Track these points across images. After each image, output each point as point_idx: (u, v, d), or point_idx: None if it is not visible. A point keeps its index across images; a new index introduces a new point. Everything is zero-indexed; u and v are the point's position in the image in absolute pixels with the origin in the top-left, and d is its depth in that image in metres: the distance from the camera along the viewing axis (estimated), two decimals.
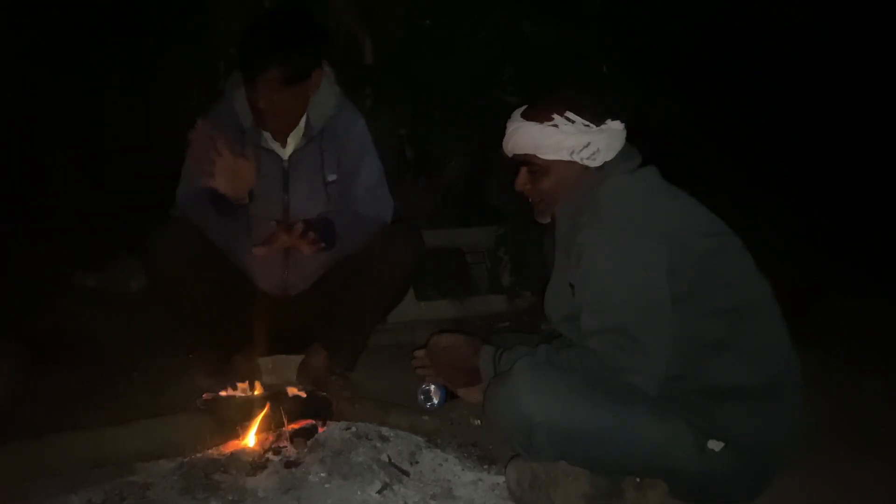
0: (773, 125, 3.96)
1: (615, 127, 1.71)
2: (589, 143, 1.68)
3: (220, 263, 2.16)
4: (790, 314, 1.66)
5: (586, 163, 1.70)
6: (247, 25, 2.14)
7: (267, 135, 2.19)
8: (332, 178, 2.23)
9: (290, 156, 2.21)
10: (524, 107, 1.77)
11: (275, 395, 1.97)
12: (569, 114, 1.69)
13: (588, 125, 1.69)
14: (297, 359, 2.19)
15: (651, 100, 3.21)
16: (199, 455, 1.76)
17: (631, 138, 1.76)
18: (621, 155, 1.72)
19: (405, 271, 2.26)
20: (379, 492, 1.60)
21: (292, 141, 2.21)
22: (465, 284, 3.44)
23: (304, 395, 1.97)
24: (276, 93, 2.04)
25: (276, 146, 2.21)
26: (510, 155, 1.79)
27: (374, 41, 3.44)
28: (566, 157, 1.70)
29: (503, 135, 1.79)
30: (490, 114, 3.39)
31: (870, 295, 3.29)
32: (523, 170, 1.77)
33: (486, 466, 1.79)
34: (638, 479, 1.63)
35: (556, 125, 1.69)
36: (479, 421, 2.06)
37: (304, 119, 2.19)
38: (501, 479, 1.70)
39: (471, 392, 1.97)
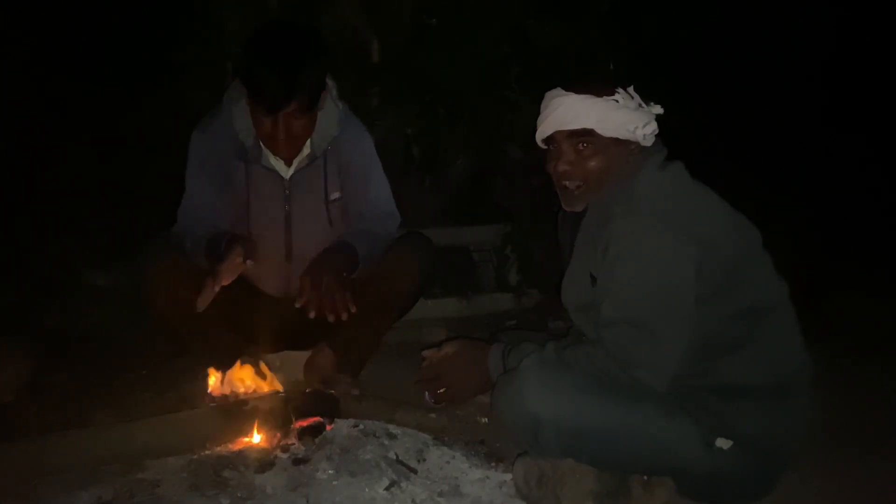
0: (779, 123, 3.96)
1: (657, 111, 1.68)
2: (650, 122, 1.64)
3: None
4: (798, 312, 1.66)
5: (646, 142, 1.65)
6: (250, 48, 2.02)
7: (268, 153, 2.15)
8: (335, 195, 2.21)
9: (292, 175, 2.18)
10: (562, 85, 1.68)
11: (282, 392, 1.98)
12: (630, 89, 1.66)
13: (641, 105, 1.66)
14: (304, 355, 2.19)
15: (658, 98, 3.21)
16: (207, 452, 1.76)
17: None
18: (654, 146, 1.69)
19: (417, 283, 2.27)
20: (386, 489, 1.60)
21: (296, 161, 2.17)
22: (471, 283, 3.45)
23: (311, 392, 1.98)
24: (296, 120, 2.02)
25: (278, 165, 2.17)
26: (555, 130, 1.68)
27: (380, 40, 3.45)
28: (626, 135, 1.63)
29: (510, 132, 1.76)
30: (496, 113, 3.41)
31: (875, 292, 3.28)
32: (568, 148, 1.68)
33: (493, 464, 1.78)
34: (645, 477, 1.63)
35: (617, 100, 1.63)
36: (486, 419, 2.06)
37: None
38: (508, 476, 1.70)
39: None
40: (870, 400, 2.30)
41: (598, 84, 1.65)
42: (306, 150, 2.16)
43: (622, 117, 1.62)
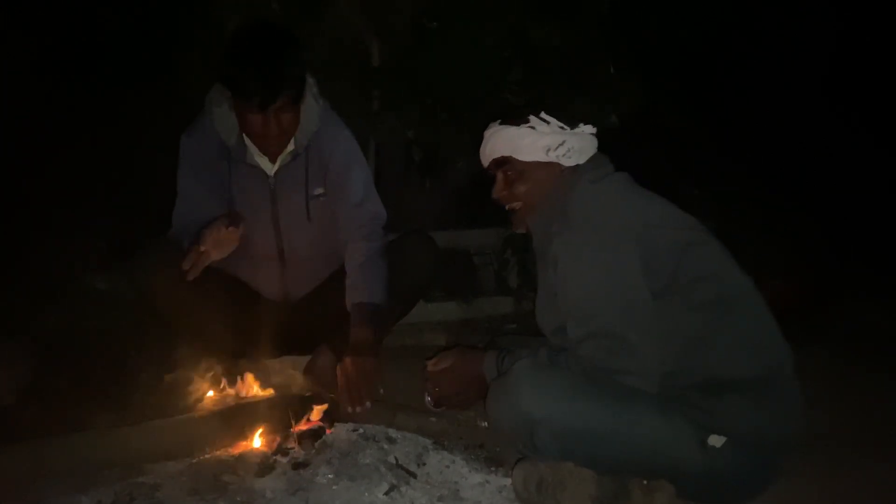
0: (782, 124, 3.96)
1: (588, 131, 1.78)
2: (564, 142, 1.74)
3: (216, 276, 2.13)
4: (799, 313, 1.66)
5: (562, 161, 1.74)
6: (230, 53, 2.02)
7: (252, 151, 2.15)
8: (318, 191, 2.21)
9: (277, 172, 2.18)
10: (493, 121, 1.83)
11: (282, 397, 1.98)
12: (543, 115, 1.75)
13: (563, 127, 1.75)
14: (304, 360, 2.19)
15: (659, 100, 3.21)
16: (207, 456, 1.77)
17: (637, 140, 1.78)
18: (591, 163, 1.77)
19: (421, 282, 2.29)
20: (386, 493, 1.61)
21: (279, 158, 2.18)
22: (471, 286, 3.44)
23: (311, 396, 1.98)
24: (285, 115, 2.03)
25: (262, 162, 2.18)
26: (487, 162, 1.84)
27: (381, 43, 3.45)
28: (542, 157, 1.75)
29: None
30: (497, 116, 3.41)
31: (875, 293, 3.28)
32: (499, 176, 1.82)
33: (493, 468, 1.79)
34: (645, 482, 1.63)
35: (532, 126, 1.75)
36: (486, 423, 2.06)
37: None
38: (508, 481, 1.71)
39: None
40: (869, 400, 2.30)
41: (514, 115, 1.79)
42: (289, 147, 2.17)
43: (535, 141, 1.74)
